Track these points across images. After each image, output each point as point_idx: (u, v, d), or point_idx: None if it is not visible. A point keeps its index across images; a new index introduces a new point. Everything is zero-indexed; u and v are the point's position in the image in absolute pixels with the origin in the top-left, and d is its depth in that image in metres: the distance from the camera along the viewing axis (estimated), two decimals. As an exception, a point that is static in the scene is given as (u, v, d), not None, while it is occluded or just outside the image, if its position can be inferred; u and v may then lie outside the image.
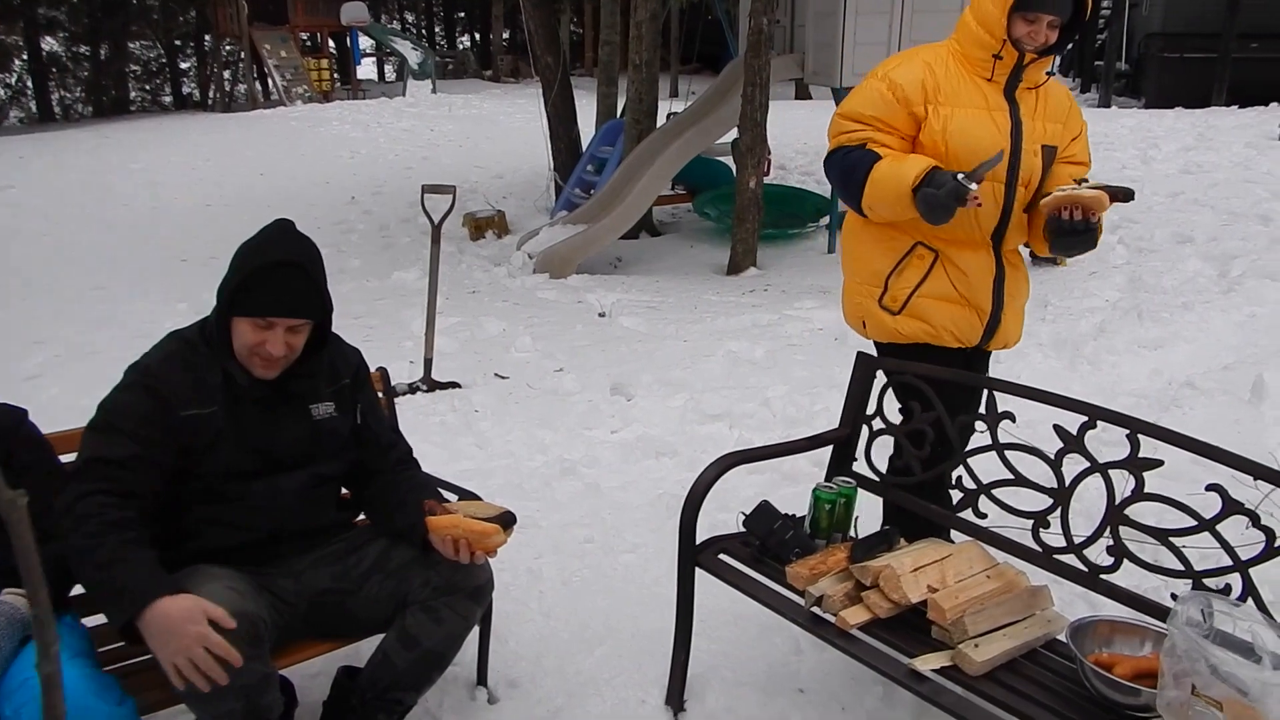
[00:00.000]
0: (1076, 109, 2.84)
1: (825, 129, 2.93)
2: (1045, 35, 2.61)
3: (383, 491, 2.47)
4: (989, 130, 2.68)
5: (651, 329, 6.30)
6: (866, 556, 2.44)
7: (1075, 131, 2.82)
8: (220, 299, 2.24)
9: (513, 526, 2.35)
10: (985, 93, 2.70)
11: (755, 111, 7.50)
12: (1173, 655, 1.87)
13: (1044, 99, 2.75)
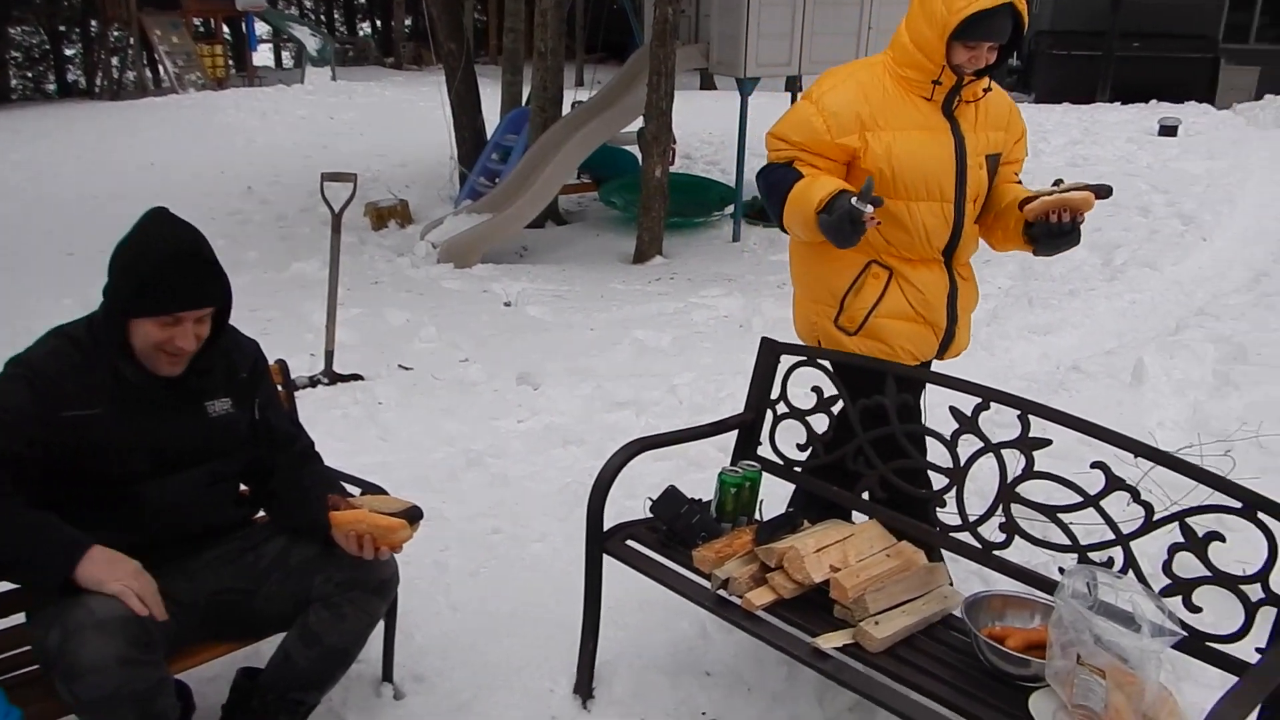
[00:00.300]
0: (1016, 112, 2.82)
1: (731, 118, 2.95)
2: (985, 59, 2.57)
3: (284, 487, 2.42)
4: (933, 151, 2.65)
5: (558, 318, 6.28)
6: (771, 539, 2.48)
7: (1017, 135, 2.82)
8: (112, 302, 2.14)
9: (419, 521, 2.32)
10: (925, 112, 2.66)
11: (660, 100, 7.52)
12: (1060, 627, 1.94)
13: (983, 109, 2.72)
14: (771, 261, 7.86)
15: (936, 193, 2.67)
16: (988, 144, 2.73)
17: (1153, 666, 1.84)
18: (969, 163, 2.68)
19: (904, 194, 2.66)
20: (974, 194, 2.72)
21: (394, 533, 2.24)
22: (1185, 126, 13.04)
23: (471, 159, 9.66)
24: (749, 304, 6.50)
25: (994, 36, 2.53)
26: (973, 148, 2.69)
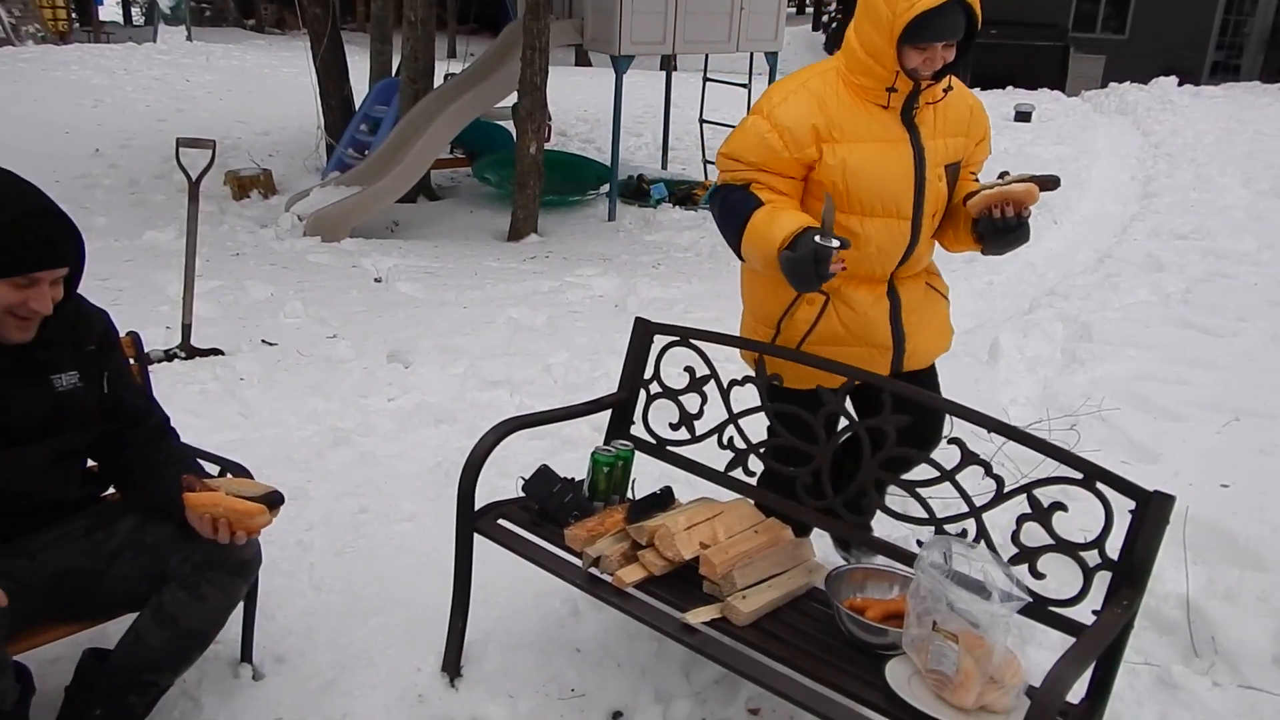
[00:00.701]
0: (979, 113, 2.65)
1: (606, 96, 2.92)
2: (941, 58, 2.40)
3: (136, 465, 2.32)
4: (891, 164, 2.49)
5: (430, 295, 6.18)
6: (642, 517, 2.50)
7: (978, 137, 2.65)
8: None
9: (279, 507, 2.25)
10: (882, 122, 2.49)
11: (535, 76, 7.45)
12: (917, 596, 2.02)
13: (941, 113, 2.54)
14: (646, 241, 7.91)
15: (893, 209, 2.52)
16: (947, 152, 2.56)
17: (1001, 631, 1.93)
18: (928, 175, 2.52)
19: (857, 209, 2.52)
20: (932, 209, 2.57)
21: (251, 518, 2.16)
22: (1038, 113, 13.65)
23: (339, 129, 9.39)
24: (624, 284, 6.52)
25: (946, 35, 2.35)
26: (932, 158, 2.53)
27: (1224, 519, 3.45)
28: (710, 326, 5.42)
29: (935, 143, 2.53)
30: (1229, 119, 13.86)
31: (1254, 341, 5.52)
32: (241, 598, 2.33)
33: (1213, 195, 9.54)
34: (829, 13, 31.27)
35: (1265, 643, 2.87)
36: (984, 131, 2.65)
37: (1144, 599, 2.96)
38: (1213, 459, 3.97)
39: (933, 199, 2.55)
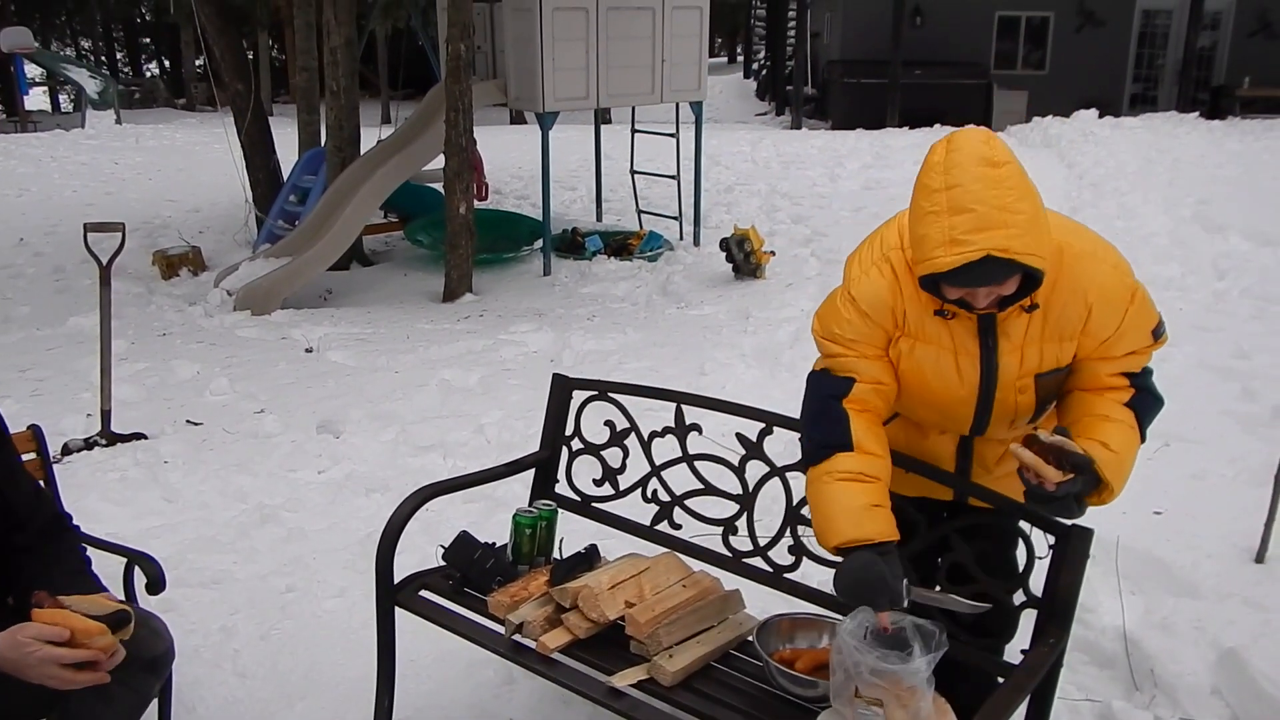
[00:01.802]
0: (1106, 307, 2.00)
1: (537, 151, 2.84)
2: (989, 296, 1.91)
3: (26, 567, 2.21)
4: (948, 377, 2.09)
5: (361, 362, 6.09)
6: (566, 578, 2.44)
7: (1104, 334, 2.04)
8: None
9: (127, 627, 2.04)
10: (952, 329, 2.06)
11: (459, 137, 7.45)
12: (839, 653, 1.97)
13: (1045, 316, 2.02)
14: (582, 294, 7.89)
15: (946, 416, 2.19)
16: (1040, 361, 2.07)
17: (925, 682, 1.89)
18: (998, 395, 2.10)
19: (915, 400, 2.20)
20: (1005, 419, 2.16)
21: (90, 637, 1.95)
22: (966, 152, 13.91)
23: (267, 202, 9.31)
24: (559, 338, 6.48)
25: (981, 283, 1.87)
26: (1008, 374, 2.07)
27: (1157, 546, 3.47)
28: (645, 376, 5.49)
29: (1026, 352, 2.06)
30: (1149, 148, 14.25)
31: (1182, 367, 5.61)
32: (154, 695, 2.22)
33: (1137, 223, 9.75)
34: (759, 60, 31.88)
35: (1203, 674, 2.86)
36: (1114, 327, 2.03)
37: (1082, 632, 2.97)
38: (1145, 486, 3.97)
39: (1004, 414, 2.14)
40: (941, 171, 1.84)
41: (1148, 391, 2.10)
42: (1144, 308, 2.04)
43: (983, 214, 1.79)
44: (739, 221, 9.36)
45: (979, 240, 1.78)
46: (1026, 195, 1.82)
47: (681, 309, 7.42)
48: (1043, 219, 1.86)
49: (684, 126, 9.75)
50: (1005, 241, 1.78)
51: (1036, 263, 1.82)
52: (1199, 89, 20.43)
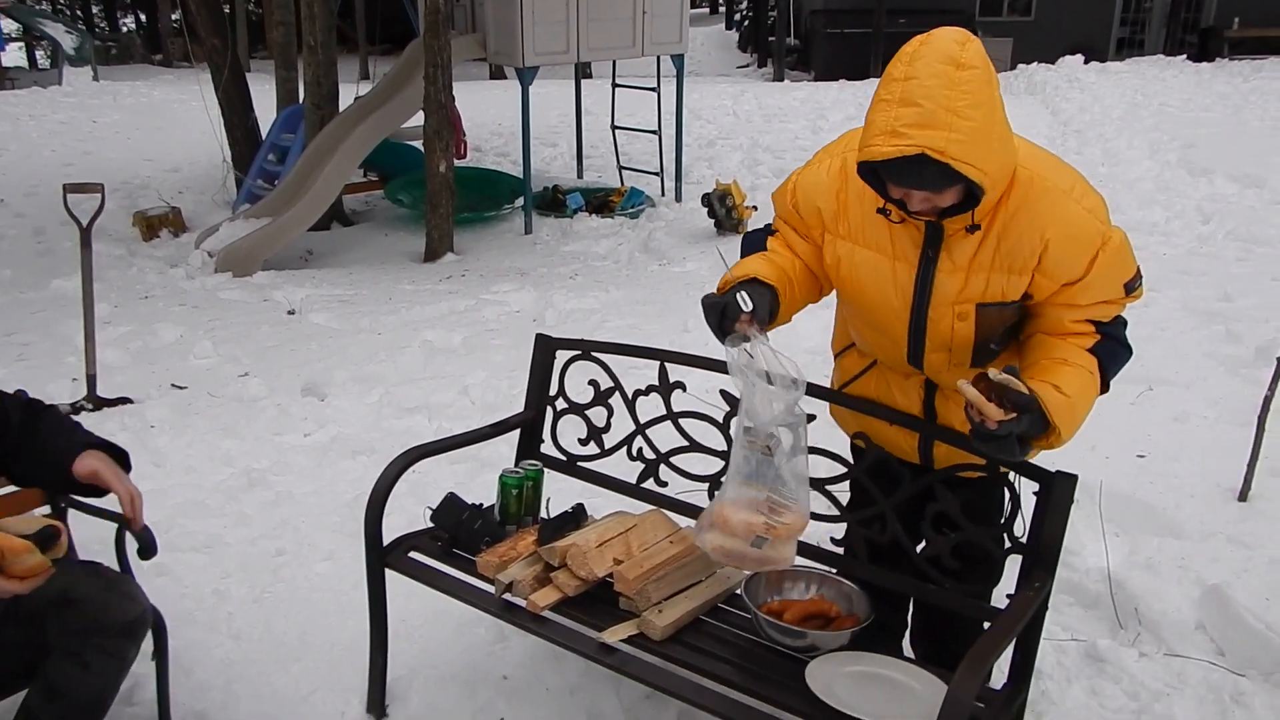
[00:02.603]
0: (1070, 248, 1.93)
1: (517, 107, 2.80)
2: (925, 202, 1.87)
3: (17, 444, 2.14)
4: (881, 287, 2.08)
5: (344, 324, 6.06)
6: (554, 537, 2.45)
7: (1067, 277, 1.95)
8: None
9: (56, 543, 1.91)
10: (896, 236, 2.03)
11: (439, 93, 7.36)
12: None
13: (997, 241, 1.95)
14: (564, 252, 7.85)
15: (883, 329, 2.17)
16: (986, 289, 2.00)
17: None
18: (931, 314, 2.05)
19: (852, 309, 2.24)
20: (940, 348, 2.11)
21: (16, 556, 1.84)
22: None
23: (246, 161, 9.20)
24: (541, 297, 6.46)
25: (913, 185, 1.84)
26: (949, 293, 2.02)
27: (1140, 489, 3.51)
28: (627, 334, 5.48)
29: (960, 276, 2.00)
30: (1135, 93, 14.23)
31: (1165, 311, 5.65)
32: (133, 660, 2.21)
33: (1122, 169, 9.76)
34: (740, 11, 31.54)
35: (1187, 610, 2.91)
36: (1080, 271, 1.94)
37: (1067, 574, 3.01)
38: (1128, 431, 4.04)
39: (940, 336, 2.08)
40: (906, 62, 1.79)
41: (1115, 340, 2.03)
42: (1118, 257, 1.96)
43: (928, 110, 1.73)
44: (721, 176, 9.31)
45: (917, 136, 1.73)
46: (982, 105, 1.75)
47: (664, 265, 7.40)
48: (996, 135, 1.79)
49: (665, 80, 9.66)
50: (944, 144, 1.72)
51: (974, 175, 1.76)
52: (1187, 31, 20.36)
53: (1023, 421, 1.85)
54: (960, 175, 1.75)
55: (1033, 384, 1.89)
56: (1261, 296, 5.78)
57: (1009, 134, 1.86)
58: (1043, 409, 1.86)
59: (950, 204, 1.87)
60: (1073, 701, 2.67)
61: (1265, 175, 8.86)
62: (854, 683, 2.05)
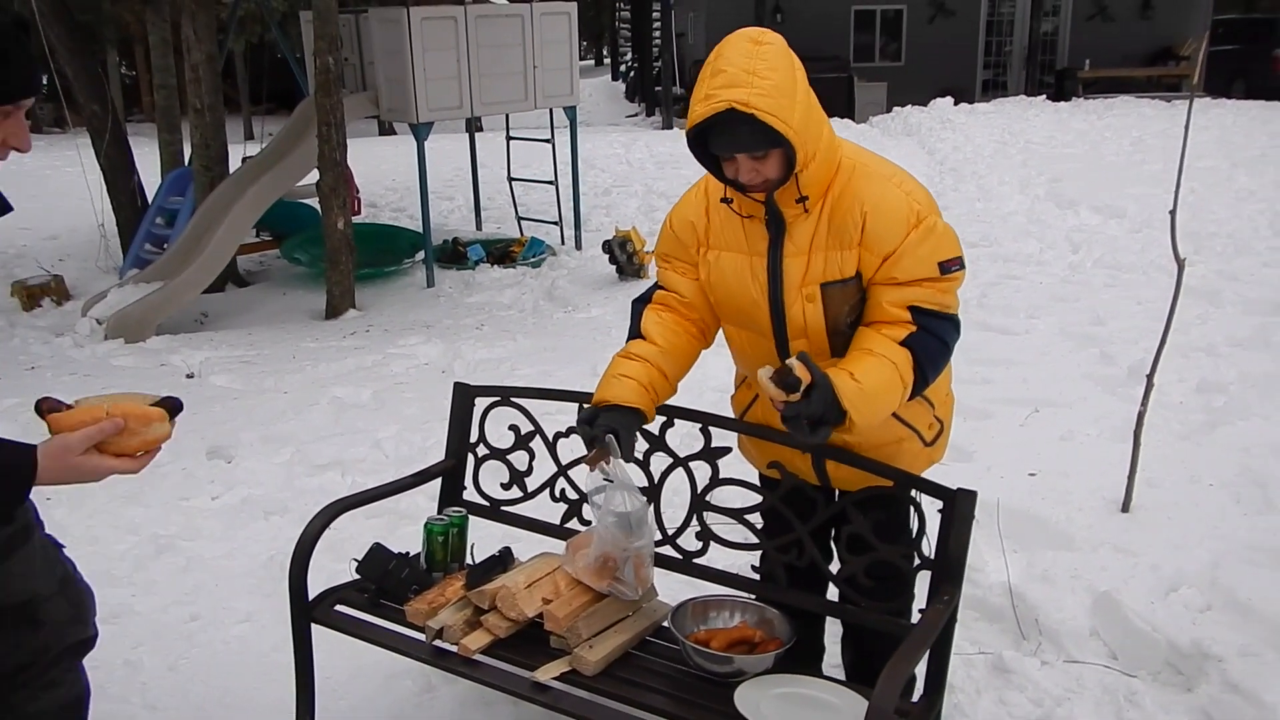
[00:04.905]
0: (882, 221, 2.10)
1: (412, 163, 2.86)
2: (751, 171, 2.06)
3: None
4: (742, 282, 2.24)
5: (248, 384, 5.96)
6: (482, 580, 2.48)
7: (885, 249, 2.10)
8: None
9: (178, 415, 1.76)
10: (750, 231, 2.22)
11: (333, 151, 7.36)
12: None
13: (828, 221, 2.14)
14: (468, 303, 7.87)
15: (752, 325, 2.31)
16: (824, 269, 2.16)
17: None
18: (786, 297, 2.20)
19: (726, 318, 2.38)
20: (798, 331, 2.23)
21: (149, 424, 1.69)
22: (832, 143, 14.37)
23: (132, 225, 8.99)
24: (449, 349, 6.47)
25: (733, 147, 2.04)
26: (796, 276, 2.18)
27: (1033, 505, 3.70)
28: (538, 380, 5.54)
29: (803, 259, 2.17)
30: (1002, 132, 14.96)
31: (1045, 337, 5.96)
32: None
33: (996, 204, 10.26)
34: (626, 62, 32.13)
35: (1082, 618, 3.08)
36: (895, 243, 2.10)
37: (972, 590, 3.16)
38: (1019, 450, 4.25)
39: (796, 320, 2.22)
40: (716, 51, 2.03)
41: (934, 336, 2.13)
42: (932, 237, 2.11)
43: (732, 74, 1.97)
44: (619, 223, 9.47)
45: (724, 94, 1.95)
46: (779, 68, 1.98)
47: (569, 313, 7.49)
48: (800, 99, 2.00)
49: (558, 131, 9.81)
50: (747, 97, 1.94)
51: (780, 126, 1.95)
52: (1044, 73, 21.54)
53: (810, 404, 1.99)
54: (770, 131, 1.96)
55: (830, 371, 2.04)
56: (1129, 319, 6.15)
57: (817, 108, 2.07)
58: (834, 393, 2.00)
59: (776, 175, 2.06)
60: (983, 713, 2.80)
61: (1124, 206, 9.43)
62: (781, 703, 2.14)
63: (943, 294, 2.15)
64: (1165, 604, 3.07)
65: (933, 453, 2.42)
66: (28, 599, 1.97)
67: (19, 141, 1.78)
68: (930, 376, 2.15)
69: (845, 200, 2.13)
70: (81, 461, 1.65)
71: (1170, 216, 3.72)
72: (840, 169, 2.15)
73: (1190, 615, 3.01)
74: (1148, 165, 11.72)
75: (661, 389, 2.37)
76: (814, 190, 2.12)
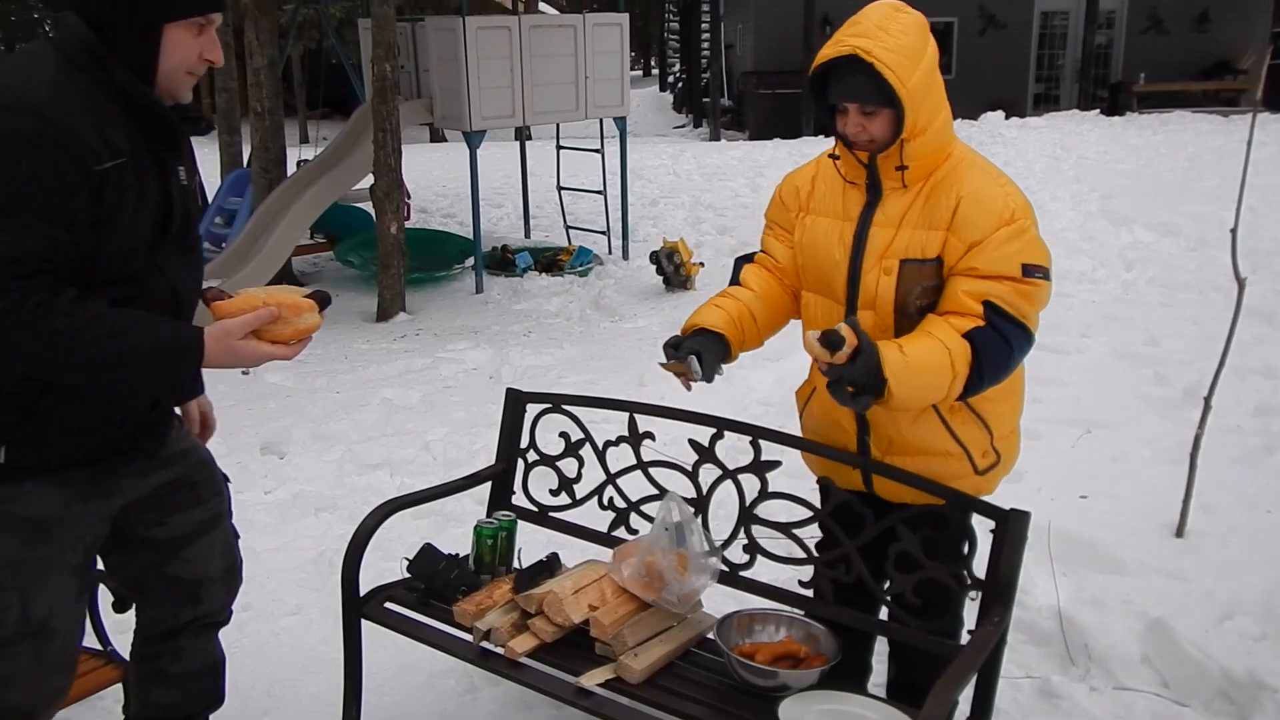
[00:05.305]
0: (974, 209, 2.13)
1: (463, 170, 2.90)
2: (858, 125, 2.15)
3: None
4: (829, 244, 2.30)
5: (301, 382, 6.06)
6: (530, 585, 2.51)
7: (972, 238, 2.12)
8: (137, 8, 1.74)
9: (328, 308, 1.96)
10: (848, 199, 2.30)
11: (388, 157, 7.46)
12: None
13: (924, 201, 2.19)
14: (516, 310, 7.94)
15: (828, 291, 2.34)
16: (907, 246, 2.19)
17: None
18: (864, 264, 2.23)
19: (807, 284, 2.42)
20: (868, 301, 2.24)
21: (300, 313, 1.86)
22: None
23: (192, 224, 9.17)
24: (497, 354, 6.53)
25: (847, 95, 2.14)
26: (875, 247, 2.22)
27: (1084, 528, 3.66)
28: (584, 389, 5.57)
29: (890, 231, 2.20)
30: (1054, 147, 14.78)
31: (1097, 356, 5.89)
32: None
33: (1048, 220, 10.07)
34: (674, 73, 32.20)
35: (1133, 644, 3.04)
36: (983, 233, 2.11)
37: (1020, 613, 3.13)
38: (1070, 472, 4.21)
39: (868, 289, 2.23)
40: (859, 13, 2.15)
41: (1001, 335, 2.11)
42: (1022, 238, 2.13)
43: (864, 27, 2.09)
44: (666, 234, 9.50)
45: (851, 41, 2.08)
46: (910, 34, 2.09)
47: (615, 322, 7.52)
48: (923, 67, 2.09)
49: (607, 141, 9.86)
50: (871, 45, 2.05)
51: (894, 82, 2.04)
52: (1098, 86, 21.22)
53: (854, 369, 2.03)
54: (884, 86, 2.05)
55: (881, 341, 2.08)
56: (1184, 340, 6.06)
57: (939, 89, 2.15)
58: (878, 360, 2.03)
59: (881, 136, 2.14)
60: (1030, 738, 2.78)
61: (1180, 223, 9.27)
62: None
63: (1021, 297, 2.13)
64: (1219, 631, 3.02)
65: (982, 483, 2.37)
66: (200, 578, 2.14)
67: (214, 54, 1.87)
68: (986, 377, 2.13)
69: (945, 185, 2.19)
70: (241, 345, 1.79)
71: (1231, 235, 3.66)
72: (949, 158, 2.22)
73: (1245, 644, 2.96)
74: (1204, 182, 11.52)
75: (749, 330, 2.44)
76: (916, 165, 2.18)
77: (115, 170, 1.73)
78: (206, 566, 2.24)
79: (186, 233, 1.97)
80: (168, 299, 1.88)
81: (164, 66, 1.80)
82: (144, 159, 1.81)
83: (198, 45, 1.82)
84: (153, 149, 1.84)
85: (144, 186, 1.81)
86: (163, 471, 2.10)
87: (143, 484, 2.05)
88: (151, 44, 1.77)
